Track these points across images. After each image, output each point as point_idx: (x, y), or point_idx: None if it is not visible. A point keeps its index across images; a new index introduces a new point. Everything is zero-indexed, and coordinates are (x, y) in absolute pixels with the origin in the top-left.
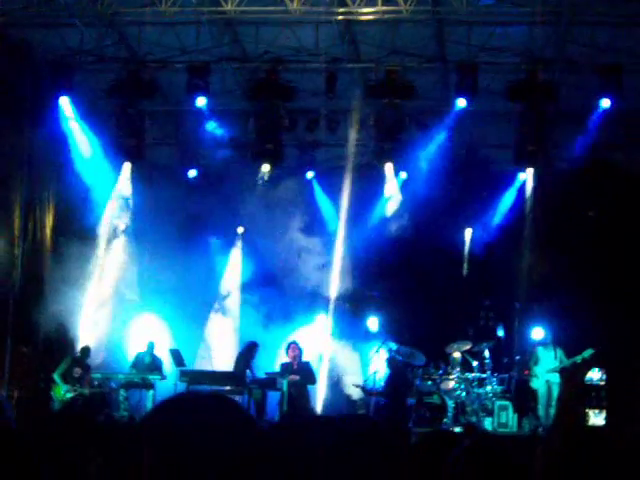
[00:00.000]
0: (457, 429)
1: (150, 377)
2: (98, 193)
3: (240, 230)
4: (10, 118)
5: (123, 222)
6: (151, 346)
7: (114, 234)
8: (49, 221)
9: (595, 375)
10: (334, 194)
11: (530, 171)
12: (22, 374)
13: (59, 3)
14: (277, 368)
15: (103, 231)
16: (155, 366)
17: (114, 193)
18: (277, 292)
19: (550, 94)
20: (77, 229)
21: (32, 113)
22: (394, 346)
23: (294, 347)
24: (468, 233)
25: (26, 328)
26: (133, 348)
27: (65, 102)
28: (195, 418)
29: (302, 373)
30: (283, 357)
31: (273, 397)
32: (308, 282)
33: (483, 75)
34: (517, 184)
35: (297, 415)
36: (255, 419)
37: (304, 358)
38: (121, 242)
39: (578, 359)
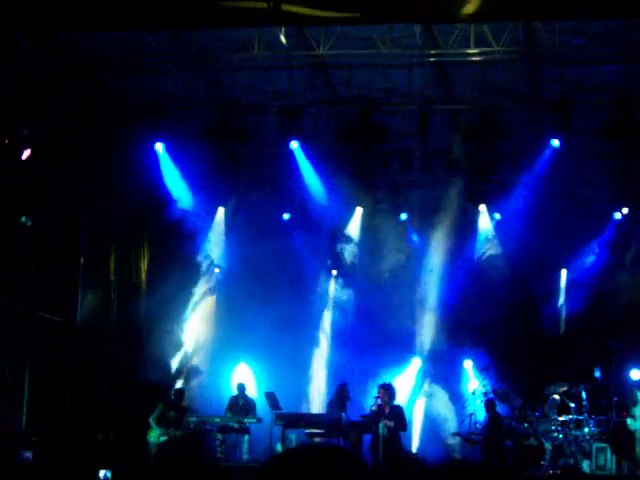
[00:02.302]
0: (557, 472)
1: (246, 420)
2: (192, 237)
3: (334, 272)
4: (107, 163)
5: (218, 265)
6: (242, 388)
7: (210, 276)
8: (144, 265)
9: None
10: (428, 235)
11: (626, 210)
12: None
13: (153, 49)
14: (368, 411)
15: (199, 274)
16: (248, 408)
17: (210, 236)
18: (372, 333)
19: None
20: (172, 272)
21: (128, 158)
22: (490, 387)
23: (385, 390)
24: (564, 274)
25: (123, 372)
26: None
27: (160, 148)
28: (315, 466)
29: (394, 417)
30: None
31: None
32: (403, 323)
33: (577, 114)
34: (614, 222)
35: (397, 459)
36: (371, 470)
37: (396, 402)
38: (216, 284)
39: None
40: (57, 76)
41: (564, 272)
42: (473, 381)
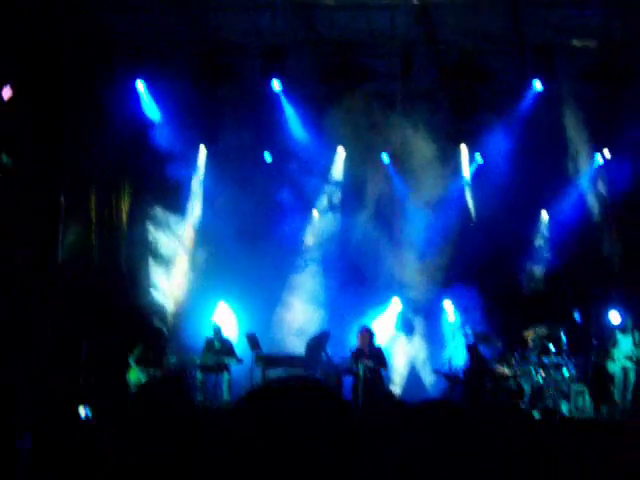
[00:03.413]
0: (535, 413)
1: (226, 360)
2: (174, 177)
3: (315, 214)
4: (87, 101)
5: (199, 205)
6: (218, 330)
7: (191, 217)
8: (125, 206)
9: None
10: (409, 175)
11: (607, 153)
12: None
13: None
14: (348, 353)
15: (180, 215)
16: (226, 349)
17: (193, 176)
18: (351, 274)
19: (627, 77)
20: (153, 214)
21: (109, 96)
22: (470, 330)
23: (366, 331)
24: (544, 216)
25: (105, 315)
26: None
27: (141, 86)
28: (290, 403)
29: (374, 358)
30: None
31: (347, 382)
32: (384, 265)
33: (559, 58)
34: (594, 166)
35: (377, 399)
36: (349, 404)
37: (376, 342)
38: (196, 226)
39: None
40: (38, 14)
41: (544, 213)
42: (453, 322)
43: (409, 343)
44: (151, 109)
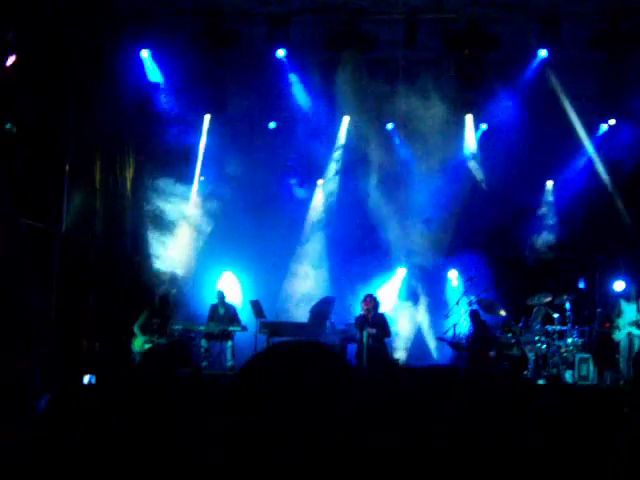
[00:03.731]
0: (540, 381)
1: (231, 328)
2: (179, 145)
3: (321, 182)
4: (92, 69)
5: (204, 173)
6: (221, 296)
7: (196, 185)
8: (129, 174)
9: None
10: (414, 144)
11: (613, 120)
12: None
13: None
14: (352, 320)
15: (185, 183)
16: (229, 316)
17: (198, 144)
18: (357, 242)
19: (633, 44)
20: (158, 181)
21: (114, 64)
22: (474, 298)
23: (370, 299)
24: (549, 185)
25: (109, 282)
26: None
27: (146, 55)
28: (294, 363)
29: (377, 326)
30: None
31: (351, 349)
32: (389, 233)
33: (565, 25)
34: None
35: (381, 367)
36: (353, 366)
37: (380, 310)
38: (201, 193)
39: None
40: None
41: (550, 183)
42: (457, 291)
43: (414, 311)
44: (156, 76)
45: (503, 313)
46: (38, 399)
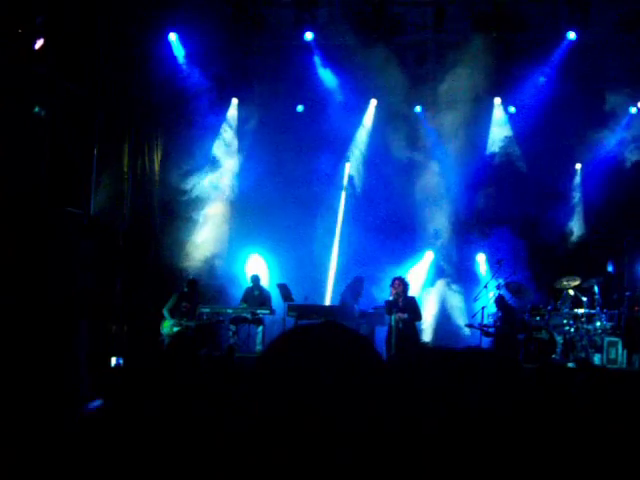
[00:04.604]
0: (569, 364)
1: (259, 312)
2: (207, 127)
3: (348, 165)
4: (120, 52)
5: (231, 158)
6: (257, 279)
7: (225, 168)
8: (157, 157)
9: None
10: (442, 127)
11: None
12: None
13: None
14: (382, 302)
15: (213, 167)
16: (263, 299)
17: (227, 127)
18: (385, 225)
19: None
20: (186, 165)
21: (140, 49)
22: (502, 281)
23: (399, 282)
24: (578, 168)
25: (139, 265)
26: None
27: (173, 37)
28: (315, 347)
29: (408, 309)
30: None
31: (380, 333)
32: (418, 217)
33: (594, 6)
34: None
35: (411, 350)
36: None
37: (410, 294)
38: (229, 177)
39: None
40: None
41: (579, 166)
42: (486, 274)
43: (442, 294)
44: (184, 60)
45: (531, 297)
46: (87, 401)
